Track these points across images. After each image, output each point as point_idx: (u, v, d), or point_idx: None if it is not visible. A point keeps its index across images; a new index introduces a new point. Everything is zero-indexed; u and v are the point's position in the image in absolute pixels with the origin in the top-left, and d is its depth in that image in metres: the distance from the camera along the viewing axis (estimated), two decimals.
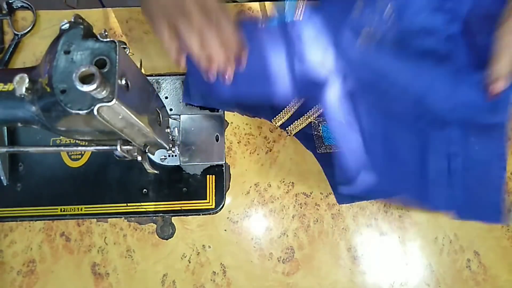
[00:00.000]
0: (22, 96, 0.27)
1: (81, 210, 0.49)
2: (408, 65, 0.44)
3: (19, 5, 0.53)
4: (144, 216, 0.49)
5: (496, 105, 0.43)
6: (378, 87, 0.44)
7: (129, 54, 0.31)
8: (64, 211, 0.49)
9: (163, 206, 0.49)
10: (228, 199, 0.50)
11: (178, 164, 0.50)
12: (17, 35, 0.53)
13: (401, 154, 0.44)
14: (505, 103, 0.43)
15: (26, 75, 0.27)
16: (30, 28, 0.53)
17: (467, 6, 0.45)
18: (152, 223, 0.49)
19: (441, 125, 0.44)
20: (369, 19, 0.44)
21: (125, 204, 0.49)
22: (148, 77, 0.52)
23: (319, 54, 0.44)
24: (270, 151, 0.51)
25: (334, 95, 0.43)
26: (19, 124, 0.30)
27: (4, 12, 0.53)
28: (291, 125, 0.50)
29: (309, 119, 0.49)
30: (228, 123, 0.52)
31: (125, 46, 0.32)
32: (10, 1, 0.53)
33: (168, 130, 0.44)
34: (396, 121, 0.45)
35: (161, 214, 0.49)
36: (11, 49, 0.52)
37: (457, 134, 0.44)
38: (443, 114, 0.44)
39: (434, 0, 0.45)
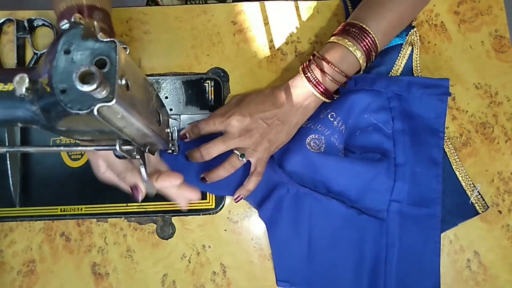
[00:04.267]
0: (22, 96, 0.27)
1: (81, 210, 0.49)
2: (351, 166, 0.47)
3: (40, 23, 0.52)
4: (144, 216, 0.49)
5: (429, 198, 0.47)
6: (320, 188, 0.47)
7: (128, 54, 0.31)
8: (64, 211, 0.49)
9: (163, 206, 0.49)
10: (228, 199, 0.50)
11: None
12: (36, 53, 0.52)
13: (340, 249, 0.48)
14: (436, 196, 0.47)
15: (26, 75, 0.27)
16: None
17: (410, 106, 0.49)
18: (152, 223, 0.49)
19: (379, 219, 0.47)
20: (320, 130, 0.47)
21: (125, 204, 0.49)
22: (148, 77, 0.51)
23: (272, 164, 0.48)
24: None
25: (279, 198, 0.48)
26: (19, 124, 0.30)
27: (25, 31, 0.52)
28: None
29: None
30: None
31: (125, 46, 0.32)
32: (32, 19, 0.52)
33: (168, 130, 0.44)
34: (336, 219, 0.48)
35: (161, 214, 0.49)
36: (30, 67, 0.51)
37: (394, 226, 0.47)
38: (381, 209, 0.47)
39: (376, 101, 0.49)
